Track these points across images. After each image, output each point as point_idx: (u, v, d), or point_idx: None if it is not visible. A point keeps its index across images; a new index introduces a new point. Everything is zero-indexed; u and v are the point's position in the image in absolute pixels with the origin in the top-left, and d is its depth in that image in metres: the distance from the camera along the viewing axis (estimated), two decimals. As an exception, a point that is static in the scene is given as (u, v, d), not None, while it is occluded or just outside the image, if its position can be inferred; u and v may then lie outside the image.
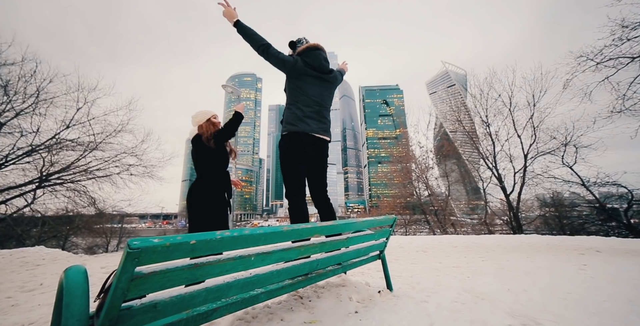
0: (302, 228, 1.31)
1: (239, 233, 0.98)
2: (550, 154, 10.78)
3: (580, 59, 7.64)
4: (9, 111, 8.32)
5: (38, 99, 9.02)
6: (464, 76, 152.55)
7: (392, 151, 23.60)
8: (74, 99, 10.06)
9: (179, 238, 0.80)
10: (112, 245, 21.61)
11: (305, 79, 2.20)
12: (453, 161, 20.19)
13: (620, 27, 6.15)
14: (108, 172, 11.16)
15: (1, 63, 7.94)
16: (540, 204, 13.22)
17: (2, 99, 8.11)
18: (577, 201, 11.60)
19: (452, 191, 19.04)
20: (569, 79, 8.13)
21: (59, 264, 4.08)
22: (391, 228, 2.35)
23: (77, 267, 0.82)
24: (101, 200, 11.35)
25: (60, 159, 10.01)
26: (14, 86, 8.26)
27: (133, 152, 11.73)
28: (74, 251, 12.77)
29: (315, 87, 2.23)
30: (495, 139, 12.59)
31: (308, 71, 2.19)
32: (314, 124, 2.17)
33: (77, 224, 12.92)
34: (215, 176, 2.29)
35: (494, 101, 12.25)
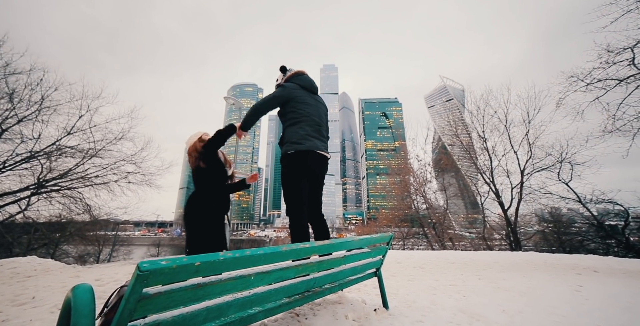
0: (300, 248, 1.34)
1: (240, 253, 1.02)
2: (547, 170, 10.91)
3: (572, 79, 7.88)
4: (12, 118, 8.40)
5: (42, 106, 9.14)
6: (462, 90, 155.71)
7: (390, 163, 23.73)
8: (77, 107, 10.18)
9: (184, 260, 0.84)
10: (104, 253, 21.06)
11: (301, 99, 2.30)
12: (451, 174, 20.28)
13: (606, 51, 6.42)
14: (106, 179, 11.14)
15: (10, 72, 8.09)
16: (538, 220, 13.19)
17: (6, 106, 8.21)
18: (575, 218, 11.61)
19: (451, 205, 19.01)
20: (561, 97, 8.36)
21: (52, 275, 4.01)
22: (387, 246, 2.38)
23: (84, 286, 0.86)
24: (97, 207, 11.26)
25: (59, 166, 10.02)
26: (20, 94, 8.39)
27: (132, 160, 11.74)
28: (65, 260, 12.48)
29: (311, 107, 2.34)
30: (492, 154, 12.75)
31: (302, 91, 2.35)
32: (317, 142, 2.24)
33: (69, 231, 12.71)
34: (213, 194, 2.24)
35: (490, 117, 12.52)
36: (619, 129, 6.72)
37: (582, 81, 7.66)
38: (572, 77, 7.94)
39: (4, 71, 8.08)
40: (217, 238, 2.18)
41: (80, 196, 10.64)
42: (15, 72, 8.21)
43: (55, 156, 9.62)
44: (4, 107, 8.20)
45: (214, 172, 2.31)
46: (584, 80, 7.62)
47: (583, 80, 7.64)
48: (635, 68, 6.16)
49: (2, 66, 8.05)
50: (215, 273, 0.95)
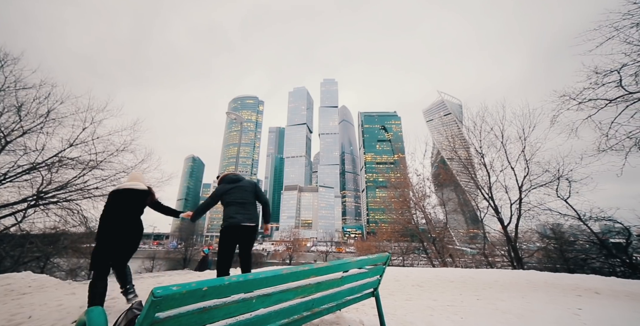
0: (300, 271, 1.40)
1: (244, 278, 1.08)
2: (545, 186, 10.95)
3: (564, 97, 8.08)
4: (17, 130, 8.54)
5: (47, 118, 9.31)
6: (459, 105, 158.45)
7: (389, 177, 23.78)
8: (82, 119, 10.36)
9: (193, 285, 0.90)
10: None
11: (228, 191, 3.62)
12: (451, 188, 20.30)
13: (594, 73, 6.67)
14: (105, 191, 11.13)
15: (21, 87, 8.33)
16: (540, 236, 13.04)
17: (13, 119, 8.37)
18: (577, 234, 11.49)
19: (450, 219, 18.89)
20: (555, 115, 8.55)
21: (47, 292, 3.95)
22: (384, 266, 2.41)
23: (98, 309, 0.92)
24: (93, 219, 11.17)
25: (58, 178, 10.04)
26: (27, 107, 8.58)
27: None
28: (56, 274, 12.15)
29: (235, 193, 3.60)
30: (490, 169, 12.84)
31: (228, 185, 3.70)
32: (241, 217, 3.42)
33: (63, 244, 12.46)
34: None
35: (486, 133, 12.72)
36: (612, 148, 6.86)
37: (574, 99, 7.88)
38: (564, 95, 8.16)
39: (15, 86, 8.32)
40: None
41: (78, 208, 10.59)
42: (25, 86, 8.46)
43: (56, 168, 9.68)
44: (11, 119, 8.36)
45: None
46: (575, 99, 7.83)
47: (575, 99, 7.85)
48: (623, 89, 6.38)
49: (14, 81, 8.30)
50: (221, 296, 1.01)
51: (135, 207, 3.35)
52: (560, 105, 8.23)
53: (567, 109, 8.13)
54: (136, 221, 3.30)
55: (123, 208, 3.26)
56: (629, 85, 6.28)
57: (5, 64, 8.19)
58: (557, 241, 11.80)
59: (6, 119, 8.35)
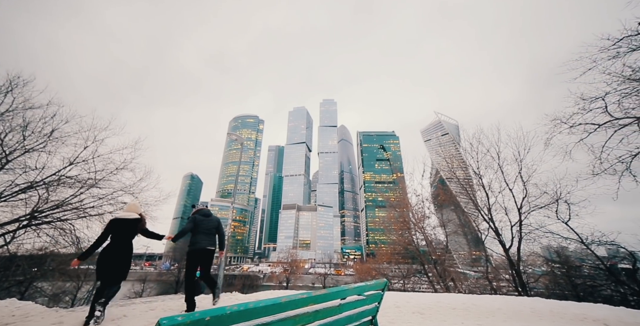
0: (298, 299, 1.42)
1: (244, 307, 1.11)
2: (544, 208, 10.89)
3: (555, 121, 8.33)
4: (19, 149, 8.64)
5: (50, 137, 9.45)
6: (456, 126, 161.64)
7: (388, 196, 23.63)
8: (84, 138, 10.49)
9: (196, 315, 0.93)
10: (82, 291, 19.26)
11: (199, 222, 4.83)
12: (451, 208, 20.13)
13: (581, 99, 6.98)
14: (101, 210, 10.99)
15: (28, 107, 8.56)
16: (544, 261, 12.58)
17: (17, 139, 8.50)
18: (583, 259, 11.16)
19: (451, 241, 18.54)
20: (548, 138, 8.75)
21: (32, 322, 3.72)
22: (383, 292, 2.39)
23: None
24: (86, 239, 10.87)
25: (55, 196, 9.91)
26: (32, 127, 8.76)
27: (130, 191, 11.72)
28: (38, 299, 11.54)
29: (205, 223, 4.86)
30: (489, 190, 12.85)
31: (200, 217, 4.93)
32: (205, 243, 4.70)
33: (50, 266, 11.87)
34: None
35: (483, 155, 12.90)
36: (605, 171, 6.98)
37: (565, 123, 8.13)
38: (555, 119, 8.42)
39: (23, 106, 8.56)
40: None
41: (71, 228, 10.34)
42: (33, 107, 8.70)
43: (54, 187, 9.64)
44: (14, 139, 8.48)
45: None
46: (566, 123, 8.09)
47: (566, 123, 8.11)
48: (610, 115, 6.64)
49: (22, 101, 8.55)
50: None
51: (128, 233, 4.37)
52: (553, 128, 8.47)
53: (559, 133, 8.35)
54: (128, 244, 4.31)
55: (118, 234, 4.30)
56: (614, 111, 6.56)
57: (16, 86, 8.50)
58: (563, 265, 11.46)
59: (10, 138, 8.48)
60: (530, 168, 11.18)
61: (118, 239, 4.26)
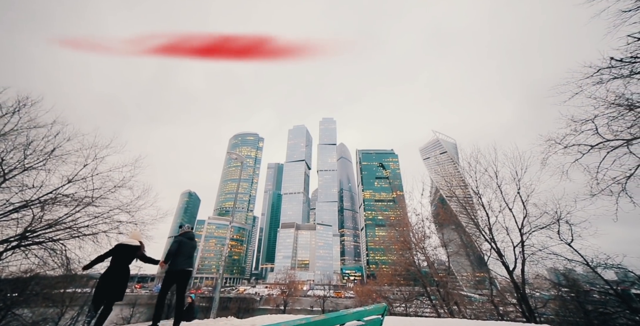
0: (296, 325, 1.39)
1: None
2: (546, 229, 10.72)
3: (550, 142, 8.45)
4: (19, 168, 8.65)
5: (51, 156, 9.49)
6: (454, 144, 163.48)
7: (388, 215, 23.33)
8: (85, 156, 10.51)
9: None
10: (65, 318, 17.83)
11: (182, 244, 5.23)
12: (452, 228, 19.81)
13: (572, 121, 7.17)
14: (95, 230, 10.77)
15: (33, 126, 8.72)
16: (551, 284, 12.01)
17: (18, 157, 8.55)
18: (592, 282, 10.70)
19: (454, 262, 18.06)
20: (544, 158, 8.83)
21: None
22: (382, 317, 2.33)
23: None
24: (76, 260, 10.50)
25: (49, 215, 9.69)
26: (35, 145, 8.85)
27: (127, 209, 11.57)
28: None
29: (187, 246, 5.27)
30: (489, 210, 12.73)
31: (185, 240, 5.32)
32: (184, 264, 5.09)
33: (33, 290, 11.13)
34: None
35: (481, 174, 12.95)
36: (602, 192, 7.00)
37: (559, 144, 8.26)
38: (550, 140, 8.56)
39: (28, 125, 8.72)
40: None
41: (62, 248, 10.01)
42: (37, 125, 8.86)
43: (50, 205, 9.51)
44: (15, 158, 8.53)
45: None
46: (560, 143, 8.22)
47: (560, 143, 8.24)
48: (601, 137, 6.79)
49: (27, 120, 8.71)
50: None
51: (128, 258, 4.96)
52: (548, 149, 8.58)
53: (554, 153, 8.44)
54: (127, 268, 4.91)
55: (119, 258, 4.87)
56: (605, 133, 6.71)
57: (24, 106, 8.70)
58: (571, 289, 10.94)
59: (11, 157, 8.53)
60: (529, 187, 11.18)
61: (119, 263, 4.82)
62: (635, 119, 5.94)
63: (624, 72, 5.57)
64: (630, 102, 5.92)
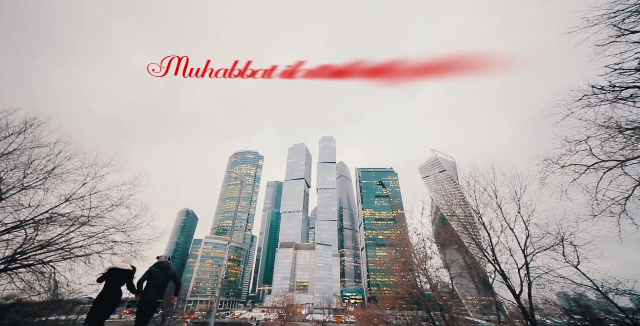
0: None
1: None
2: (550, 250, 10.41)
3: (547, 161, 8.48)
4: (17, 186, 8.62)
5: (51, 174, 9.47)
6: (453, 162, 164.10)
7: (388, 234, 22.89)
8: (84, 174, 10.47)
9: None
10: None
11: (155, 274, 5.52)
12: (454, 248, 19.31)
13: (566, 141, 7.29)
14: (88, 250, 10.47)
15: (36, 145, 8.82)
16: (563, 311, 11.34)
17: (17, 176, 8.55)
18: (606, 308, 10.07)
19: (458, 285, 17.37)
20: (543, 177, 8.82)
21: None
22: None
23: None
24: (64, 284, 10.05)
25: (42, 235, 9.42)
26: (36, 164, 8.88)
27: (123, 228, 11.33)
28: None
29: (160, 275, 5.55)
30: (490, 229, 12.48)
31: (156, 270, 5.59)
32: (155, 294, 5.38)
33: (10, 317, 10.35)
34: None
35: (480, 193, 12.86)
36: (602, 213, 6.93)
37: (556, 163, 8.31)
38: (547, 160, 8.61)
39: (31, 144, 8.81)
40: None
41: (51, 271, 9.60)
42: (40, 145, 8.96)
43: (44, 225, 9.33)
44: (14, 177, 8.53)
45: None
46: (557, 163, 8.27)
47: (557, 163, 8.29)
48: (595, 157, 6.86)
49: (32, 139, 8.83)
50: None
51: (120, 282, 5.35)
52: (545, 168, 8.60)
53: (552, 172, 8.46)
54: (119, 291, 5.36)
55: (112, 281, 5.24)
56: (599, 154, 6.79)
57: (30, 127, 8.86)
58: (585, 316, 10.29)
59: (10, 177, 8.53)
60: (529, 207, 11.05)
61: (111, 287, 5.20)
62: (626, 141, 6.05)
63: (609, 97, 5.77)
64: (619, 125, 6.06)
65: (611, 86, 5.53)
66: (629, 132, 5.93)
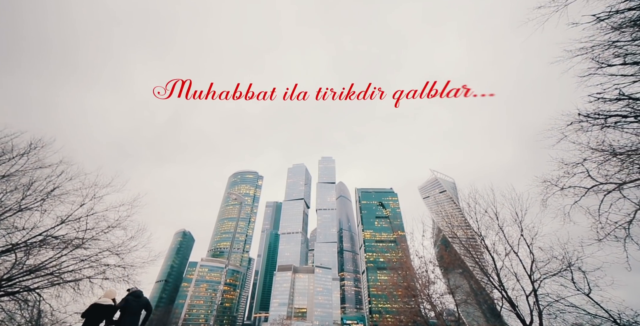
0: None
1: None
2: (558, 276, 9.96)
3: (546, 183, 8.47)
4: (14, 208, 8.50)
5: (49, 195, 9.37)
6: (453, 183, 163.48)
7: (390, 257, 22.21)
8: (83, 195, 10.36)
9: None
10: None
11: (130, 302, 5.85)
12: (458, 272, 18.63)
13: (562, 164, 7.37)
14: (79, 275, 10.07)
15: (38, 166, 8.85)
16: None
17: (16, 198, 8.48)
18: None
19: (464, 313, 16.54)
20: (543, 199, 8.73)
21: None
22: None
23: None
24: (49, 313, 9.48)
25: (32, 259, 9.06)
26: (36, 185, 8.84)
27: (117, 251, 11.00)
28: None
29: (134, 304, 5.93)
30: (494, 253, 12.11)
31: (131, 298, 5.96)
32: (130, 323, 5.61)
33: None
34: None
35: (481, 215, 12.69)
36: (607, 238, 6.79)
37: (556, 185, 8.29)
38: (546, 181, 8.61)
39: (33, 166, 8.84)
40: None
41: (36, 299, 9.13)
42: (43, 166, 8.99)
43: (36, 249, 9.03)
44: (14, 198, 8.45)
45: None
46: (556, 185, 8.25)
47: (556, 185, 8.27)
48: (594, 180, 6.89)
49: (35, 161, 8.87)
50: None
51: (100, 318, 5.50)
52: (545, 190, 8.57)
53: (552, 194, 8.41)
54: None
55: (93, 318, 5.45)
56: (598, 176, 6.83)
57: (34, 148, 8.95)
58: None
59: (8, 198, 8.45)
60: (532, 230, 10.84)
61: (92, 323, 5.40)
62: (621, 165, 6.12)
63: (599, 122, 5.95)
64: (613, 149, 6.17)
65: (596, 114, 5.74)
66: (622, 156, 6.02)
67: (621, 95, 5.50)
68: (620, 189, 6.35)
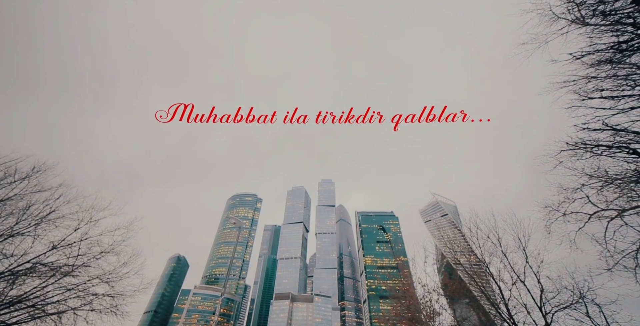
0: None
1: None
2: (570, 309, 9.39)
3: (548, 208, 8.35)
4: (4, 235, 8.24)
5: (44, 219, 9.13)
6: (454, 207, 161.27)
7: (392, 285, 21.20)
8: (79, 219, 10.10)
9: None
10: None
11: None
12: (465, 302, 17.66)
13: (562, 189, 7.35)
14: (64, 306, 9.47)
15: (37, 190, 8.77)
16: None
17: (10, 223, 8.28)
18: None
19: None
20: (547, 225, 8.54)
21: None
22: None
23: None
24: None
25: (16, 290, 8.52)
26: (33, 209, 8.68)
27: (107, 279, 10.50)
28: None
29: None
30: (500, 281, 11.54)
31: None
32: None
33: None
34: None
35: (484, 240, 12.34)
36: (615, 267, 6.55)
37: (557, 211, 8.15)
38: (547, 207, 8.48)
39: (33, 189, 8.76)
40: None
41: None
42: (42, 189, 8.90)
43: (22, 277, 8.58)
44: (7, 224, 8.25)
45: None
46: (558, 210, 8.12)
47: (558, 210, 8.14)
48: (595, 206, 6.82)
49: (35, 184, 8.81)
50: None
51: None
52: (547, 215, 8.43)
53: (555, 220, 8.24)
54: None
55: None
56: (599, 202, 6.77)
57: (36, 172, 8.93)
58: None
59: (1, 223, 8.25)
60: (537, 257, 10.46)
61: None
62: (620, 191, 6.12)
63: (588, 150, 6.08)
64: (609, 175, 6.21)
65: (582, 144, 5.90)
66: (619, 182, 6.04)
67: (604, 126, 5.69)
68: (621, 216, 6.26)
